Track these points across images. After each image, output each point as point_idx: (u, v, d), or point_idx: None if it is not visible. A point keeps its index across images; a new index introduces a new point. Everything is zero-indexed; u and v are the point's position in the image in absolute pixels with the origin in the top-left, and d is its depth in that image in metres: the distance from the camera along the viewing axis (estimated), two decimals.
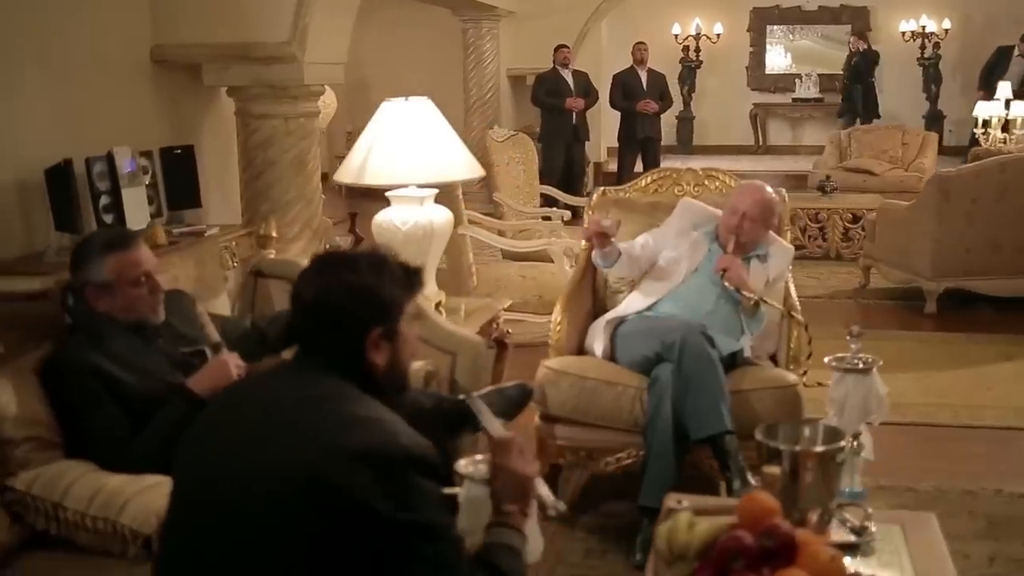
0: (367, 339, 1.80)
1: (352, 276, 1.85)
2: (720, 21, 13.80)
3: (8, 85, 3.85)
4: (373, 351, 1.81)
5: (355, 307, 1.81)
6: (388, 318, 1.83)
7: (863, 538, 2.30)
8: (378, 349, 1.82)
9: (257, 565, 1.61)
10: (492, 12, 10.55)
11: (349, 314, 1.81)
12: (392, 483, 1.62)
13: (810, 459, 2.28)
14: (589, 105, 10.08)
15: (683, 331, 3.18)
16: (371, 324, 1.81)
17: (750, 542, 1.79)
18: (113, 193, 4.05)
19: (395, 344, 1.85)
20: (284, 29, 4.62)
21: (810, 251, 7.85)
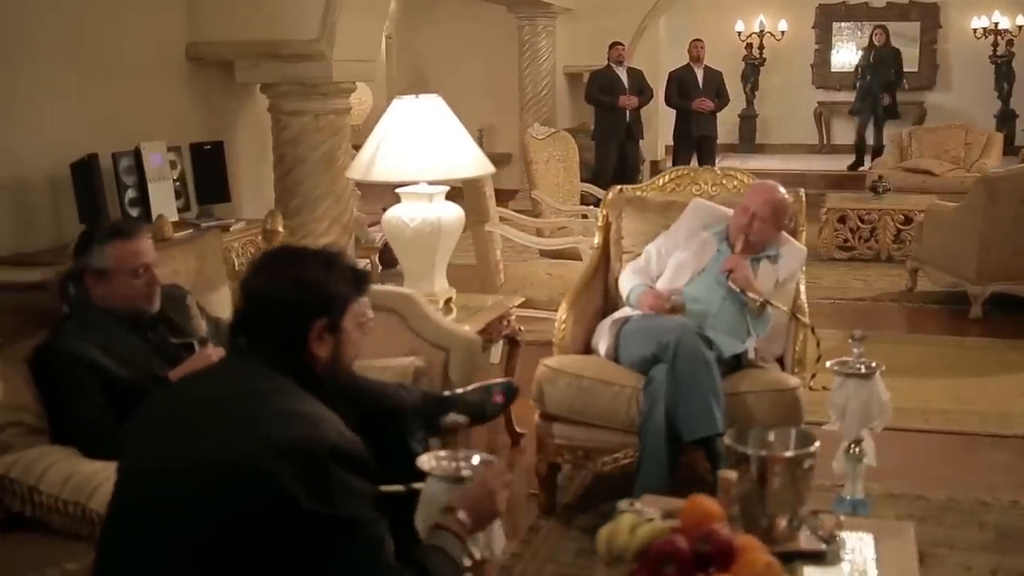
0: (310, 330, 1.83)
1: (299, 269, 1.89)
2: (784, 18, 13.58)
3: (44, 84, 3.99)
4: (316, 343, 1.84)
5: (299, 298, 1.85)
6: (332, 311, 1.86)
7: (831, 546, 2.25)
8: (321, 341, 1.85)
9: (184, 549, 1.65)
10: (548, 9, 10.55)
11: (293, 304, 1.84)
12: (315, 477, 1.64)
13: (778, 464, 2.25)
14: (643, 103, 9.99)
15: (678, 332, 3.15)
16: (315, 315, 1.84)
17: (684, 546, 1.77)
18: (140, 187, 4.17)
19: (338, 339, 1.87)
20: (313, 27, 4.71)
21: (860, 253, 7.69)
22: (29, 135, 3.92)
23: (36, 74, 3.95)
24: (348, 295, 1.89)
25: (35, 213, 3.98)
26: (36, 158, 3.95)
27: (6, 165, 3.85)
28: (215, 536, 1.63)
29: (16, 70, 3.86)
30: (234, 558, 1.63)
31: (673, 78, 10.13)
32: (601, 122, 10.11)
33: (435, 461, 2.24)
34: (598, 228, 3.96)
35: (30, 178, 3.95)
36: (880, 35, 11.64)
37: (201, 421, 1.78)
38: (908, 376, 4.85)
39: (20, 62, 3.87)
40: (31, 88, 3.93)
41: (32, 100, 3.94)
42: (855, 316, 6.20)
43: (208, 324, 2.88)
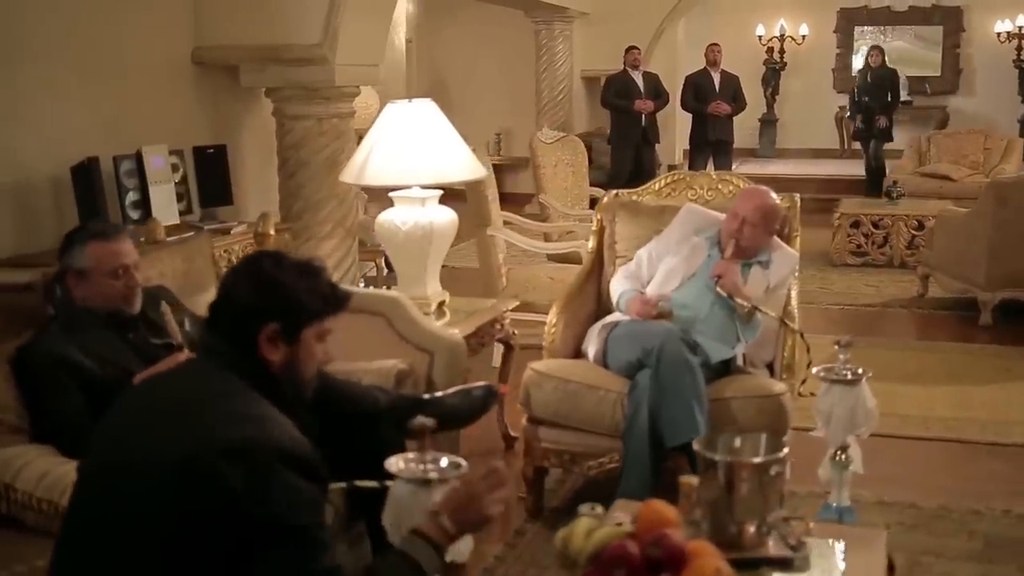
0: (260, 332, 1.83)
1: (270, 270, 1.90)
2: (806, 22, 13.51)
3: (47, 87, 4.05)
4: (267, 345, 1.84)
5: (258, 297, 1.86)
6: (290, 317, 1.86)
7: (799, 553, 2.24)
8: (273, 346, 1.85)
9: (134, 544, 1.67)
10: (564, 14, 10.56)
11: (247, 304, 1.86)
12: (257, 478, 1.65)
13: (745, 470, 2.24)
14: (659, 107, 9.99)
15: (662, 337, 3.15)
16: (267, 318, 1.84)
17: (634, 551, 1.78)
18: (141, 190, 4.22)
19: (295, 349, 1.87)
20: (316, 31, 4.75)
21: (873, 258, 7.64)
22: (32, 138, 3.97)
23: (39, 78, 4.01)
24: (315, 309, 1.89)
25: (37, 215, 4.03)
26: (39, 161, 4.01)
27: (9, 168, 3.91)
28: (164, 532, 1.65)
29: (20, 74, 3.92)
30: (183, 555, 1.65)
31: (689, 82, 10.11)
32: (617, 126, 10.12)
33: (402, 463, 2.26)
34: (592, 232, 3.96)
35: (33, 181, 4.01)
36: (876, 56, 10.82)
37: (156, 420, 1.81)
38: (911, 383, 4.82)
39: (24, 66, 3.93)
40: (35, 91, 3.99)
41: (36, 103, 3.99)
42: (863, 322, 6.16)
43: (192, 326, 2.91)
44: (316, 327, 1.90)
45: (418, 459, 2.26)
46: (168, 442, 1.71)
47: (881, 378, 4.81)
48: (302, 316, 1.87)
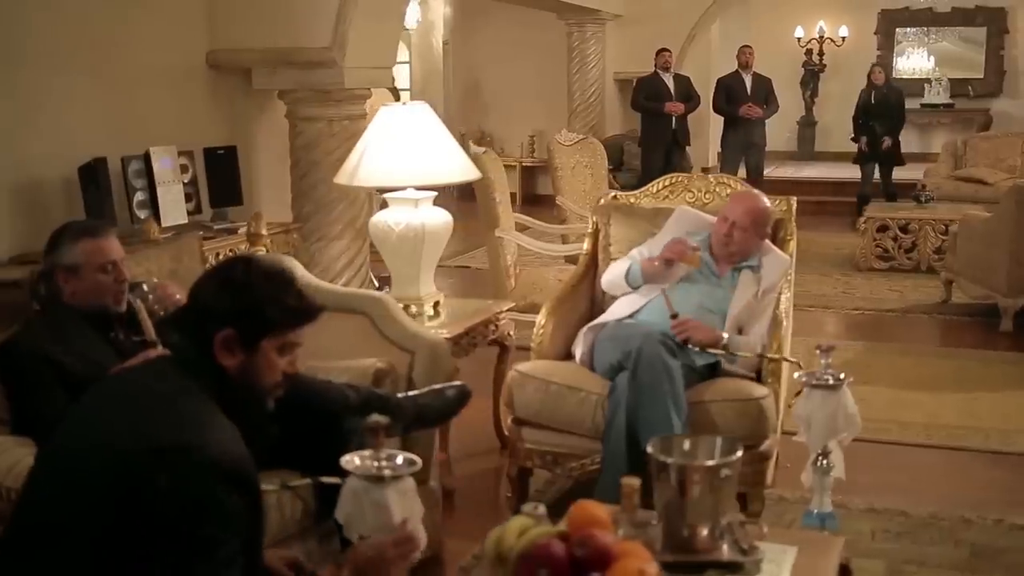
0: (216, 335, 1.84)
1: (237, 275, 1.91)
2: (845, 23, 13.35)
3: (61, 91, 4.15)
4: (221, 350, 1.84)
5: (219, 301, 1.87)
6: (249, 325, 1.85)
7: (750, 557, 2.24)
8: (228, 351, 1.85)
9: (64, 530, 1.72)
10: (596, 16, 10.56)
11: (210, 305, 1.87)
12: (179, 484, 1.67)
13: (696, 473, 2.24)
14: (690, 110, 9.94)
15: (641, 339, 3.15)
16: (226, 322, 1.84)
17: (559, 550, 1.79)
18: (149, 190, 4.31)
19: (252, 357, 1.87)
20: (325, 35, 4.81)
21: (899, 263, 7.54)
22: (44, 140, 4.06)
23: (52, 81, 4.10)
24: (276, 320, 1.88)
25: (48, 214, 4.11)
26: (51, 162, 4.10)
27: (22, 168, 4.01)
28: (95, 522, 1.70)
29: (32, 77, 4.01)
30: (110, 546, 1.69)
31: (721, 85, 10.05)
32: (647, 129, 10.09)
33: (357, 460, 2.30)
34: (587, 234, 3.97)
35: (44, 181, 4.10)
36: (879, 74, 10.22)
37: (105, 413, 1.85)
38: (920, 390, 4.77)
39: (36, 70, 4.02)
40: (47, 95, 4.08)
41: (48, 106, 4.08)
42: (882, 328, 6.10)
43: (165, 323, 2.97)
44: (278, 338, 1.89)
45: (373, 456, 2.30)
46: (111, 436, 1.76)
47: (890, 384, 4.82)
48: (262, 325, 1.86)
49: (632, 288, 3.57)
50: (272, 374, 1.91)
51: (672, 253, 3.45)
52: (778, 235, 3.78)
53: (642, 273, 3.52)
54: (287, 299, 1.92)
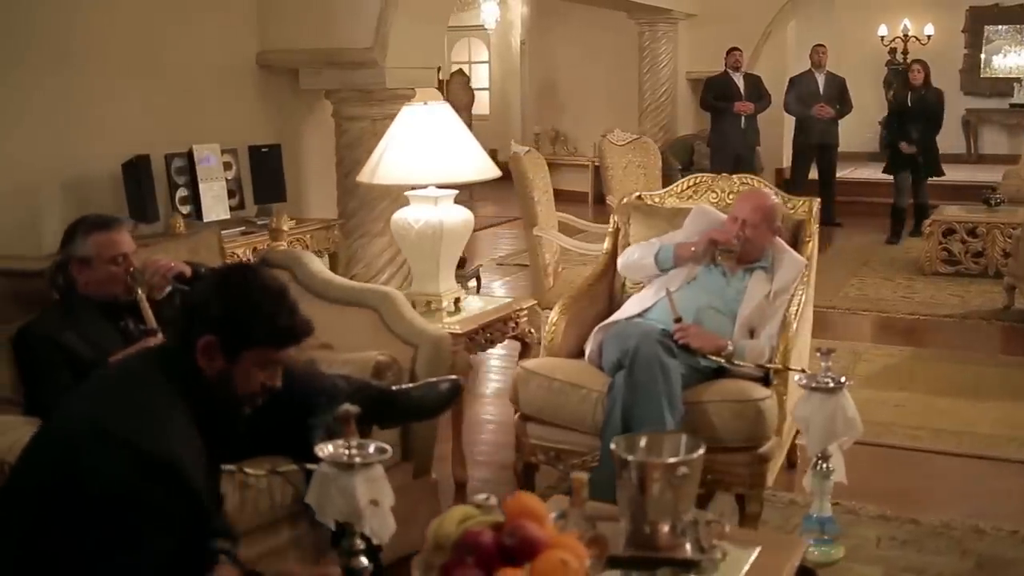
0: (199, 339, 1.92)
1: (234, 284, 2.00)
2: (931, 21, 12.98)
3: (113, 91, 4.34)
4: (202, 354, 1.93)
5: (209, 305, 1.96)
6: (233, 335, 1.93)
7: (707, 555, 2.25)
8: (208, 356, 1.93)
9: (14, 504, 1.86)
10: (668, 15, 10.50)
11: (200, 307, 1.97)
12: (108, 469, 1.77)
13: (656, 470, 2.26)
14: (760, 109, 9.83)
15: (639, 338, 3.16)
16: (212, 327, 1.93)
17: (487, 539, 1.83)
18: (192, 186, 4.48)
19: (232, 367, 1.95)
20: (368, 36, 4.94)
21: (966, 267, 7.33)
22: (95, 137, 4.26)
23: (104, 81, 4.29)
24: (260, 337, 1.95)
25: (96, 207, 4.30)
26: (100, 158, 4.29)
27: (73, 165, 4.21)
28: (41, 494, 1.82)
29: (86, 78, 4.20)
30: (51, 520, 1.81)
31: (793, 84, 9.92)
32: (717, 129, 10.02)
33: (330, 448, 2.39)
34: (608, 234, 3.99)
35: (93, 176, 4.30)
36: (918, 73, 9.03)
37: (77, 397, 1.99)
38: (959, 397, 4.66)
39: (89, 70, 4.22)
40: (99, 94, 4.28)
41: (100, 105, 4.28)
42: (935, 333, 5.97)
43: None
44: (259, 353, 1.96)
45: (345, 445, 2.39)
46: (66, 418, 1.89)
47: (929, 391, 4.73)
48: (245, 339, 1.94)
49: (660, 270, 3.57)
50: (249, 386, 1.99)
51: (719, 235, 3.45)
52: (799, 236, 3.75)
53: (674, 256, 3.53)
54: (276, 318, 1.99)
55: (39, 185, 4.08)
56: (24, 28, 3.96)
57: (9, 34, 3.89)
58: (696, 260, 3.48)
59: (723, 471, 3.16)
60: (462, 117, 13.10)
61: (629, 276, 3.72)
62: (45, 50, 4.03)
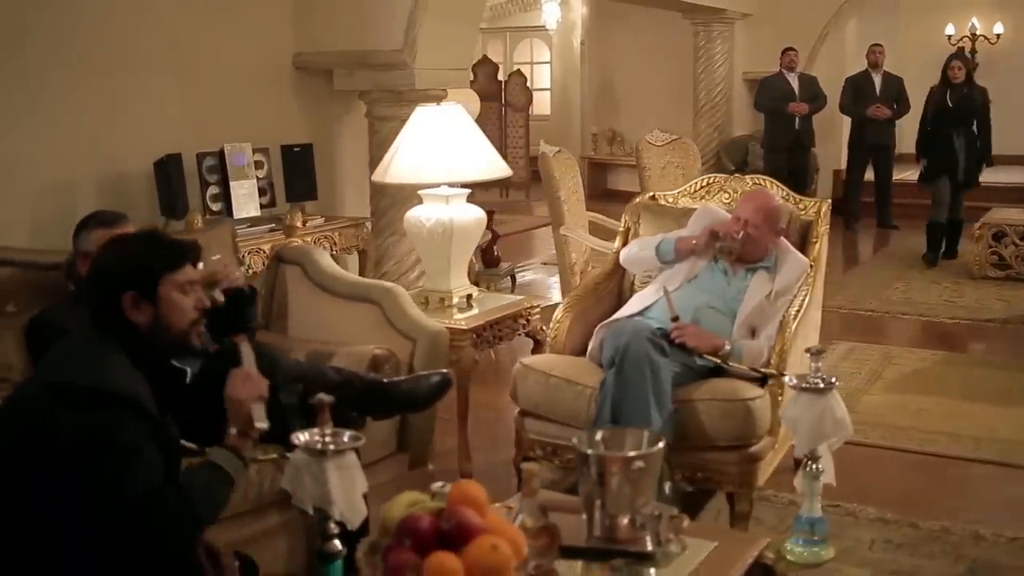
0: (122, 300, 2.09)
1: (119, 246, 2.19)
2: (1001, 20, 12.65)
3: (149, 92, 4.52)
4: (132, 311, 2.09)
5: (112, 270, 2.13)
6: (141, 277, 2.10)
7: (662, 549, 2.29)
8: (137, 309, 2.09)
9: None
10: (722, 15, 10.43)
11: (106, 277, 2.14)
12: (83, 415, 1.92)
13: (614, 464, 2.31)
14: (815, 110, 9.74)
15: (629, 335, 3.20)
16: (123, 288, 2.10)
17: (424, 524, 1.91)
18: (223, 184, 4.64)
19: (157, 306, 2.11)
20: (398, 37, 5.05)
21: (1017, 271, 7.17)
22: (131, 137, 4.44)
23: (141, 83, 4.47)
24: (161, 266, 2.12)
25: (132, 204, 4.49)
26: (135, 157, 4.47)
27: (109, 163, 4.40)
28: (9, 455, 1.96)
29: (124, 80, 4.39)
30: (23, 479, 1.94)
31: (849, 84, 9.79)
32: (771, 129, 9.95)
33: (305, 436, 2.49)
34: (619, 233, 4.03)
35: (129, 174, 4.48)
36: (959, 70, 7.95)
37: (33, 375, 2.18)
38: (986, 403, 4.59)
39: (127, 72, 4.40)
40: (136, 95, 4.46)
41: (136, 106, 4.46)
42: (971, 338, 5.90)
43: None
44: (170, 280, 2.12)
45: (320, 432, 2.49)
46: (27, 388, 2.07)
47: (955, 395, 4.68)
48: (149, 273, 2.11)
49: (662, 263, 3.61)
50: (183, 314, 2.14)
51: (720, 227, 3.48)
52: (807, 238, 3.75)
53: (676, 249, 3.56)
54: (160, 246, 2.18)
55: (76, 182, 4.27)
56: (63, 31, 4.15)
57: (49, 37, 4.08)
58: (697, 253, 3.51)
59: (713, 469, 3.19)
60: (519, 118, 13.11)
61: (631, 269, 3.78)
62: (84, 53, 4.22)
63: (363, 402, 2.97)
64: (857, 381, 4.93)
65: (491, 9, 15.48)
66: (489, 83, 12.87)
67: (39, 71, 4.07)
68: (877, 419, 4.40)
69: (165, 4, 4.60)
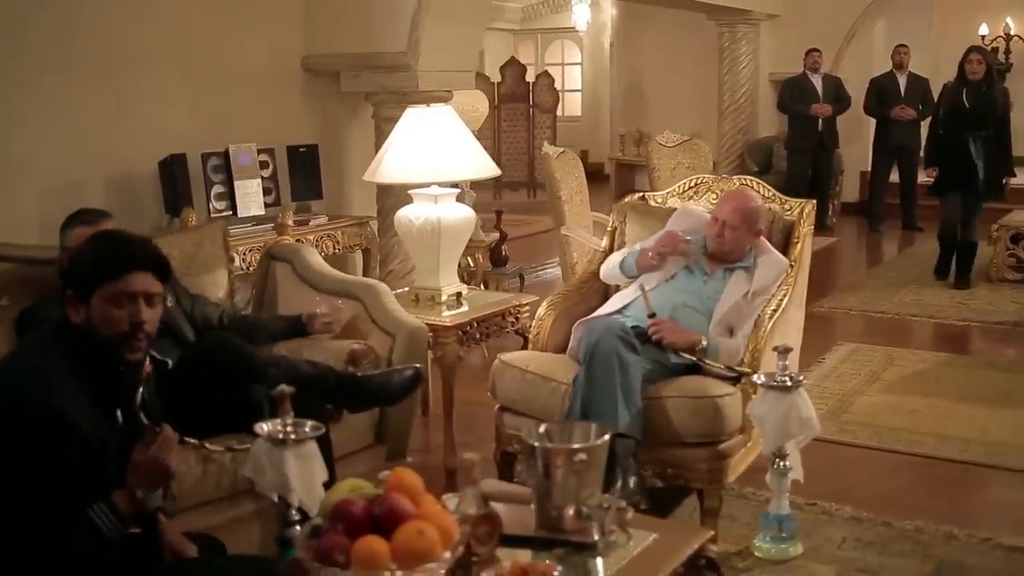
0: (65, 296, 2.19)
1: (83, 245, 2.28)
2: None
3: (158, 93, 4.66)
4: (69, 308, 2.19)
5: (66, 268, 2.27)
6: (76, 282, 2.18)
7: (604, 539, 2.34)
8: (73, 309, 2.18)
9: None
10: (748, 16, 10.41)
11: (63, 273, 2.28)
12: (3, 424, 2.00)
13: (559, 456, 2.36)
14: (839, 112, 9.71)
15: (600, 333, 3.25)
16: (66, 282, 2.21)
17: (356, 508, 1.98)
18: (228, 184, 4.76)
19: (90, 311, 2.16)
20: (402, 40, 5.14)
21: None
22: (139, 137, 4.56)
23: (150, 84, 4.60)
24: (89, 275, 2.17)
25: (140, 202, 4.64)
26: (143, 156, 4.60)
27: (120, 162, 4.54)
28: None
29: (134, 83, 4.52)
30: None
31: (873, 85, 9.75)
32: (793, 131, 9.94)
33: (267, 426, 2.59)
34: (607, 233, 4.08)
35: (138, 173, 4.62)
36: (978, 63, 6.83)
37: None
38: (982, 405, 4.57)
39: (138, 76, 4.54)
40: (145, 96, 4.59)
41: (145, 107, 4.59)
42: (978, 341, 5.86)
43: (184, 299, 3.35)
44: (105, 291, 2.15)
45: (282, 422, 2.59)
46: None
47: (951, 398, 4.67)
48: (82, 281, 2.17)
49: (628, 278, 3.67)
50: (111, 325, 2.15)
51: (664, 246, 3.54)
52: (790, 238, 3.77)
53: (636, 265, 3.62)
54: (106, 255, 2.20)
55: (85, 181, 4.40)
56: (74, 34, 4.29)
57: (59, 39, 4.22)
58: (655, 269, 3.54)
59: (683, 466, 3.23)
60: (546, 119, 13.15)
61: (610, 283, 3.81)
62: (95, 55, 4.36)
63: (337, 395, 3.07)
64: (855, 382, 4.93)
65: (523, 11, 15.59)
66: (517, 84, 12.96)
67: (50, 72, 4.20)
68: (869, 420, 4.41)
69: (178, 9, 4.73)
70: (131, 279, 2.18)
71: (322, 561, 1.94)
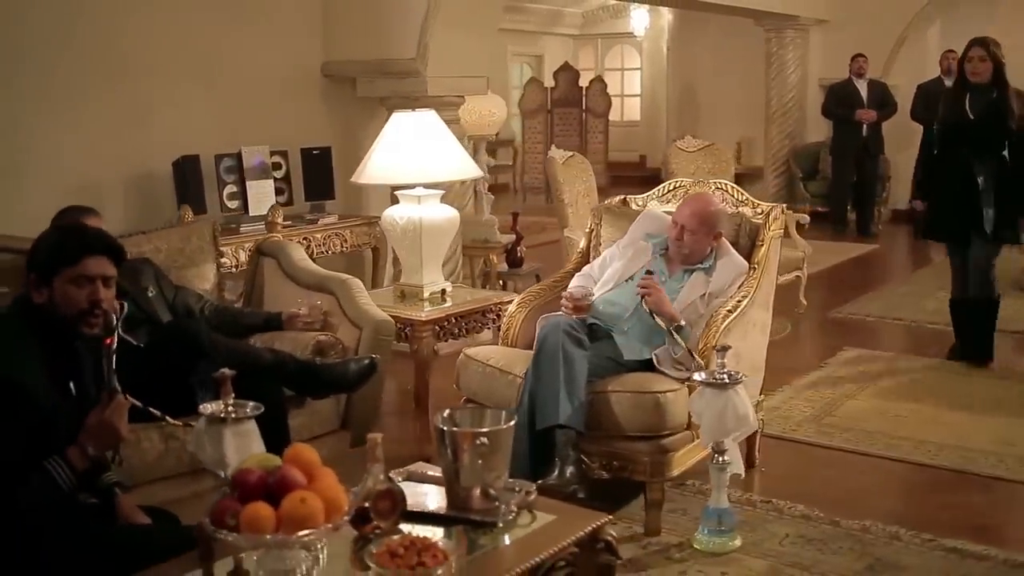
0: (28, 278, 2.43)
1: (46, 233, 2.53)
2: None
3: (178, 97, 4.94)
4: (31, 289, 2.43)
5: (31, 255, 2.48)
6: (38, 265, 2.43)
7: (505, 519, 2.47)
8: (36, 290, 2.42)
9: None
10: (795, 21, 10.40)
11: (28, 254, 2.50)
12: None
13: (464, 440, 2.52)
14: (884, 117, 9.65)
15: (548, 328, 3.39)
16: (30, 268, 2.44)
17: (251, 478, 2.17)
18: (240, 184, 5.02)
19: (52, 292, 2.41)
20: (412, 46, 5.34)
21: None
22: (157, 138, 4.85)
23: (167, 90, 4.88)
24: (48, 259, 2.42)
25: (157, 200, 4.92)
26: (160, 157, 4.88)
27: (139, 163, 4.83)
28: None
29: (151, 87, 4.80)
30: None
31: (920, 91, 9.63)
32: (837, 136, 9.91)
33: (211, 406, 2.79)
34: (585, 234, 4.21)
35: (154, 173, 4.90)
36: (981, 62, 5.01)
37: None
38: (970, 412, 4.58)
39: (155, 80, 4.82)
40: (163, 101, 4.87)
41: (163, 110, 4.87)
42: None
43: (167, 290, 3.59)
44: (63, 274, 2.40)
45: (223, 402, 2.78)
46: None
47: (939, 404, 4.68)
48: (42, 265, 2.42)
49: None
50: (71, 305, 2.40)
51: (567, 309, 3.58)
52: (755, 241, 3.85)
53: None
54: (64, 241, 2.46)
55: (102, 180, 4.69)
56: (92, 38, 4.58)
57: (78, 43, 4.52)
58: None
59: (626, 458, 3.35)
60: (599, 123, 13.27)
61: None
62: (114, 60, 4.65)
63: (296, 382, 3.27)
64: (849, 386, 4.97)
65: (583, 16, 15.73)
66: (570, 89, 13.10)
67: (74, 75, 4.50)
68: (851, 423, 4.45)
69: (203, 17, 5.01)
70: (88, 263, 2.45)
71: (216, 524, 2.14)
